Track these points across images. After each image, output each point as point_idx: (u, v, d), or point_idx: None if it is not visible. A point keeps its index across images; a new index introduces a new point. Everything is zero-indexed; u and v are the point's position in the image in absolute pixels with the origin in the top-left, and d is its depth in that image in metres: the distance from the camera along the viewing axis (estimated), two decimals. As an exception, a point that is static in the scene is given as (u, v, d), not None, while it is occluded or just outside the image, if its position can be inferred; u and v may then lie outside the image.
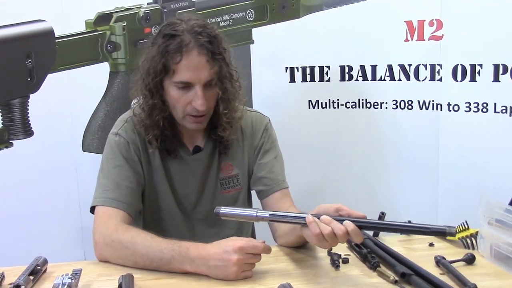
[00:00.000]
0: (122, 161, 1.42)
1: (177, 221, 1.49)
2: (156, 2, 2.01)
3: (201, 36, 1.33)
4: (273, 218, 1.21)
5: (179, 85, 1.35)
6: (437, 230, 1.11)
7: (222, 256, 1.17)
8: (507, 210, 1.21)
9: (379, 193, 2.14)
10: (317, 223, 1.12)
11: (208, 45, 1.33)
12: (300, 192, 1.76)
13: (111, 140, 1.45)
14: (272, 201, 1.50)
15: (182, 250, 1.20)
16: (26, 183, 2.00)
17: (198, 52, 1.32)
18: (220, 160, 1.51)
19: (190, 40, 1.32)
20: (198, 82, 1.34)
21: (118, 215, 1.35)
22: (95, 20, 1.98)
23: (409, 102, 2.05)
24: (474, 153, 1.94)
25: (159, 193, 1.48)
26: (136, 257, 1.24)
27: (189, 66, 1.33)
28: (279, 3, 2.10)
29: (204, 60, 1.33)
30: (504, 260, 1.21)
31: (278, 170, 1.52)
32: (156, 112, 1.40)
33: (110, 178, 1.40)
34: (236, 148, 1.52)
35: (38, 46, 1.94)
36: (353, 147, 2.14)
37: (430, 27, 1.96)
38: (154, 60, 1.36)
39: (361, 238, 1.12)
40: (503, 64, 1.86)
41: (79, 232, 2.05)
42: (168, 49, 1.33)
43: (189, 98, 1.36)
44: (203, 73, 1.34)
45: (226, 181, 1.52)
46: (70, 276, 1.06)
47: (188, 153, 1.49)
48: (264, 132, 1.54)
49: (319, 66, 2.12)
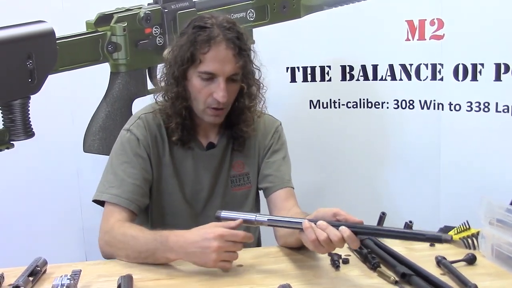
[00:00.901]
0: (130, 157, 1.45)
1: (184, 218, 1.51)
2: (157, 3, 2.01)
3: (229, 31, 1.38)
4: (271, 223, 1.23)
5: (203, 75, 1.39)
6: (433, 237, 1.10)
7: (201, 243, 1.18)
8: (508, 210, 1.21)
9: (380, 192, 2.13)
10: (313, 228, 1.12)
11: (236, 40, 1.38)
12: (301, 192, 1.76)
13: (122, 136, 1.48)
14: (276, 199, 1.51)
15: (163, 240, 1.23)
16: (27, 184, 2.00)
17: (226, 45, 1.37)
18: (232, 158, 1.54)
19: (219, 33, 1.37)
20: (222, 74, 1.38)
21: (119, 212, 1.39)
22: (96, 20, 1.98)
23: (410, 102, 2.04)
24: (476, 152, 1.93)
25: (167, 190, 1.50)
26: (128, 250, 1.28)
27: (216, 57, 1.37)
28: (279, 3, 2.10)
29: (230, 53, 1.37)
30: (505, 260, 1.21)
31: (285, 170, 1.55)
32: (179, 101, 1.43)
33: (116, 174, 1.43)
34: (249, 146, 1.55)
35: (39, 47, 1.94)
36: (354, 147, 2.14)
37: (431, 27, 1.95)
38: (182, 48, 1.40)
39: (357, 244, 1.12)
40: (504, 63, 1.85)
41: (80, 233, 2.05)
42: (198, 39, 1.37)
43: (211, 90, 1.40)
44: (228, 66, 1.38)
45: (237, 179, 1.54)
46: (69, 277, 1.06)
47: (202, 148, 1.51)
48: (275, 134, 1.58)
49: (320, 66, 2.11)
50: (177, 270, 1.24)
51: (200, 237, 1.19)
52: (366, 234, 1.21)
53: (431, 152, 2.02)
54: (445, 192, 2.02)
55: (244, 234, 1.20)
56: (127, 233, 1.30)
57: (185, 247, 1.20)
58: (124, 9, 1.99)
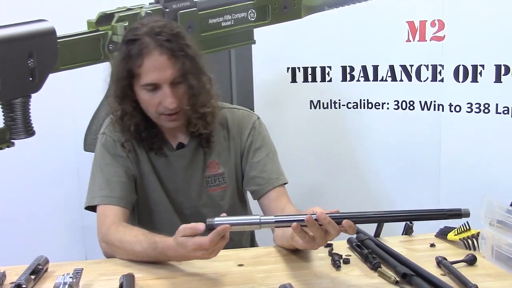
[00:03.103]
0: (110, 158, 1.47)
1: (168, 213, 1.52)
2: (158, 2, 2.01)
3: (160, 36, 1.34)
4: (279, 224, 1.14)
5: (147, 87, 1.37)
6: (453, 212, 1.13)
7: (190, 255, 1.17)
8: (509, 211, 1.21)
9: (380, 193, 2.13)
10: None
11: (168, 43, 1.34)
12: (301, 192, 1.77)
13: (99, 139, 1.51)
14: (267, 201, 1.49)
15: (161, 251, 1.22)
16: (27, 183, 2.00)
17: (159, 52, 1.34)
18: (206, 158, 1.52)
19: (150, 42, 1.34)
20: (164, 82, 1.36)
21: (113, 211, 1.41)
22: (97, 20, 1.98)
23: (410, 103, 2.05)
24: (476, 153, 1.94)
25: (149, 187, 1.51)
26: (129, 255, 1.30)
27: (152, 67, 1.34)
28: (280, 3, 2.10)
29: (165, 59, 1.34)
30: (505, 261, 1.21)
31: (271, 168, 1.51)
32: (126, 118, 1.43)
33: (101, 176, 1.46)
34: (223, 146, 1.52)
35: (40, 46, 1.94)
36: (354, 147, 2.14)
37: (431, 28, 1.96)
38: (119, 67, 1.38)
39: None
40: (505, 64, 1.85)
41: (81, 232, 2.05)
42: (130, 54, 1.35)
43: (159, 99, 1.37)
44: (167, 72, 1.35)
45: (212, 179, 1.52)
46: (71, 276, 1.06)
47: (171, 149, 1.51)
48: (252, 130, 1.53)
49: (321, 67, 2.12)
50: (179, 269, 1.25)
51: (185, 252, 1.15)
52: (382, 220, 1.20)
53: (431, 153, 2.03)
54: (445, 193, 2.02)
55: (211, 238, 1.10)
56: (123, 239, 1.30)
57: (182, 258, 1.22)
58: (125, 8, 1.99)
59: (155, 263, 1.27)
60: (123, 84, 1.39)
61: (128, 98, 1.41)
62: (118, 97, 1.42)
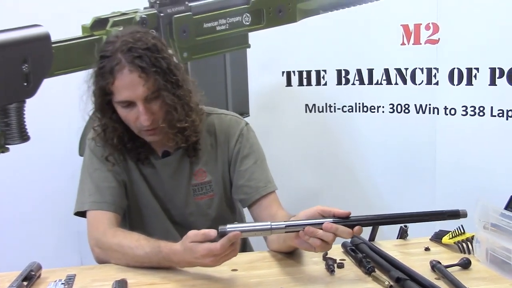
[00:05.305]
0: (99, 164, 1.46)
1: (160, 219, 1.51)
2: (153, 7, 2.01)
3: (130, 52, 1.31)
4: (289, 229, 1.15)
5: (121, 104, 1.36)
6: (452, 213, 1.17)
7: (197, 262, 1.17)
8: (503, 214, 1.21)
9: (376, 196, 2.13)
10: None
11: (139, 61, 1.30)
12: (296, 196, 1.77)
13: (88, 145, 1.50)
14: (257, 209, 1.47)
15: (165, 256, 1.22)
16: (22, 188, 1.99)
17: (129, 70, 1.30)
18: (193, 166, 1.50)
19: (121, 59, 1.31)
20: (137, 99, 1.33)
21: (105, 217, 1.40)
22: (92, 24, 1.97)
23: (405, 106, 2.05)
24: (471, 156, 1.94)
25: (139, 193, 1.50)
26: (127, 260, 1.28)
27: (123, 85, 1.32)
28: (275, 7, 2.10)
29: (136, 76, 1.30)
30: (499, 264, 1.21)
31: (259, 176, 1.48)
32: (108, 131, 1.42)
33: (91, 182, 1.45)
34: (210, 154, 1.51)
35: (35, 51, 1.93)
36: (350, 151, 2.14)
37: (426, 31, 1.96)
38: (94, 82, 1.38)
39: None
40: (499, 67, 1.85)
41: (76, 237, 2.04)
42: (102, 71, 1.33)
43: (135, 115, 1.36)
44: (138, 89, 1.32)
45: (199, 187, 1.51)
46: (64, 282, 1.07)
47: (157, 157, 1.50)
48: (240, 137, 1.50)
49: (316, 70, 2.12)
50: (172, 274, 1.24)
51: (193, 258, 1.16)
52: (384, 223, 1.21)
53: (427, 156, 2.03)
54: (441, 196, 2.02)
55: (222, 244, 1.11)
56: (123, 243, 1.29)
57: (189, 263, 1.21)
58: (120, 13, 1.99)
59: (149, 269, 1.26)
60: (100, 100, 1.38)
61: (108, 112, 1.40)
62: (98, 112, 1.41)
